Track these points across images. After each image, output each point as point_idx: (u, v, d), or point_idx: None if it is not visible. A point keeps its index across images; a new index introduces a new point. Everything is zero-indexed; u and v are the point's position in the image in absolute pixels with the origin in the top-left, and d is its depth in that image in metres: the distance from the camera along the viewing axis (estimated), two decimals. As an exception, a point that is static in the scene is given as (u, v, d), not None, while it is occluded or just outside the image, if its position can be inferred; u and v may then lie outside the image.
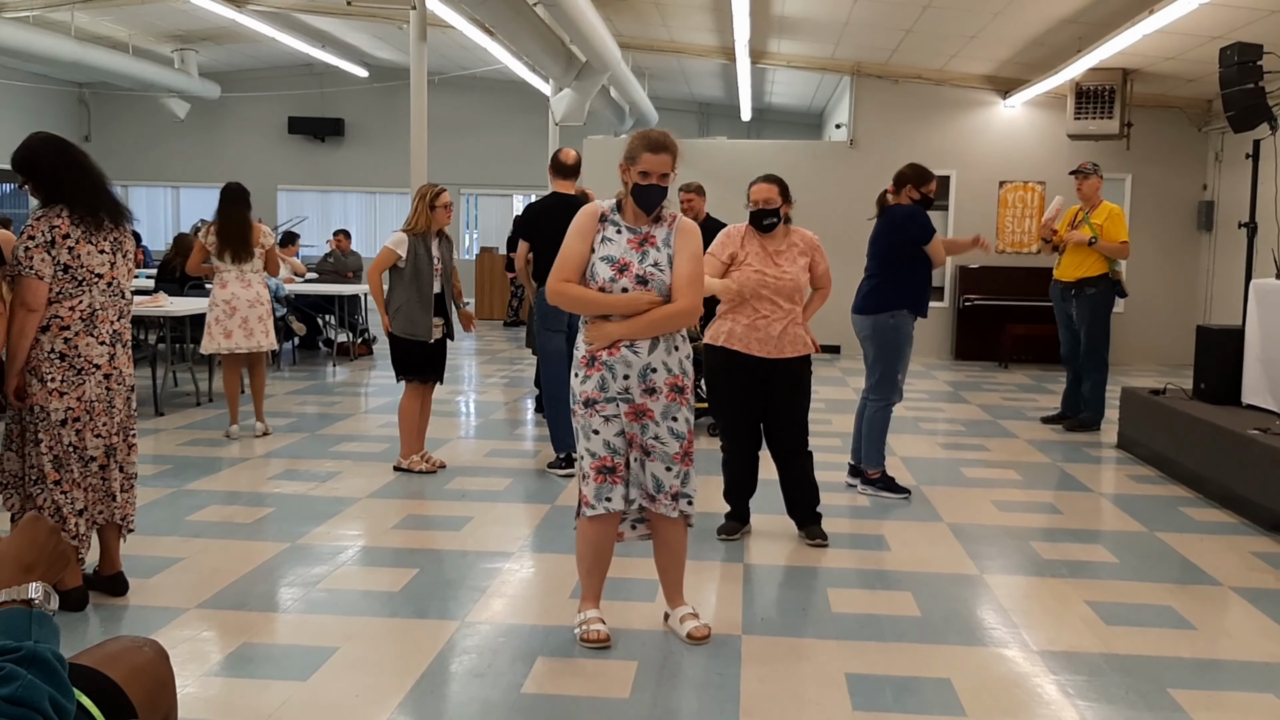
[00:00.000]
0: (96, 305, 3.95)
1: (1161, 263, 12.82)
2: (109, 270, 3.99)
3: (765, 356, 4.82)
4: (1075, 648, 3.79)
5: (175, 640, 3.69)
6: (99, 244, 3.94)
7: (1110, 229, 7.89)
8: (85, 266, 3.90)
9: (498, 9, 9.17)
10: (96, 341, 3.95)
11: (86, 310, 3.92)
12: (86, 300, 3.92)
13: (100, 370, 3.97)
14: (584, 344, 3.63)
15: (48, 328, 3.87)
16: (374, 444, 7.14)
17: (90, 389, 3.93)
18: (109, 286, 4.00)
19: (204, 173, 20.32)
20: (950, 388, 10.44)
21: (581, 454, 3.66)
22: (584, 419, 3.63)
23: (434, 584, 4.35)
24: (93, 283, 3.93)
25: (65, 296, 3.88)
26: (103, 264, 3.96)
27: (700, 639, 3.76)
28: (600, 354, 3.60)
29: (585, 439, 3.64)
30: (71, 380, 3.89)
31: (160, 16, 15.42)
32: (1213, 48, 7.93)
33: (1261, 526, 5.42)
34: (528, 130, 19.35)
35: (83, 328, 3.91)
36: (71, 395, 3.89)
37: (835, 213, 13.03)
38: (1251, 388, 6.45)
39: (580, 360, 3.64)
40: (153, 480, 5.95)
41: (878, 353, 5.85)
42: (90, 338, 3.93)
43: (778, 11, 11.14)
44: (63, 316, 3.88)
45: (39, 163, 3.92)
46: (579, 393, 3.63)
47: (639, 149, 3.63)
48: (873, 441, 5.97)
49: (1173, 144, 12.65)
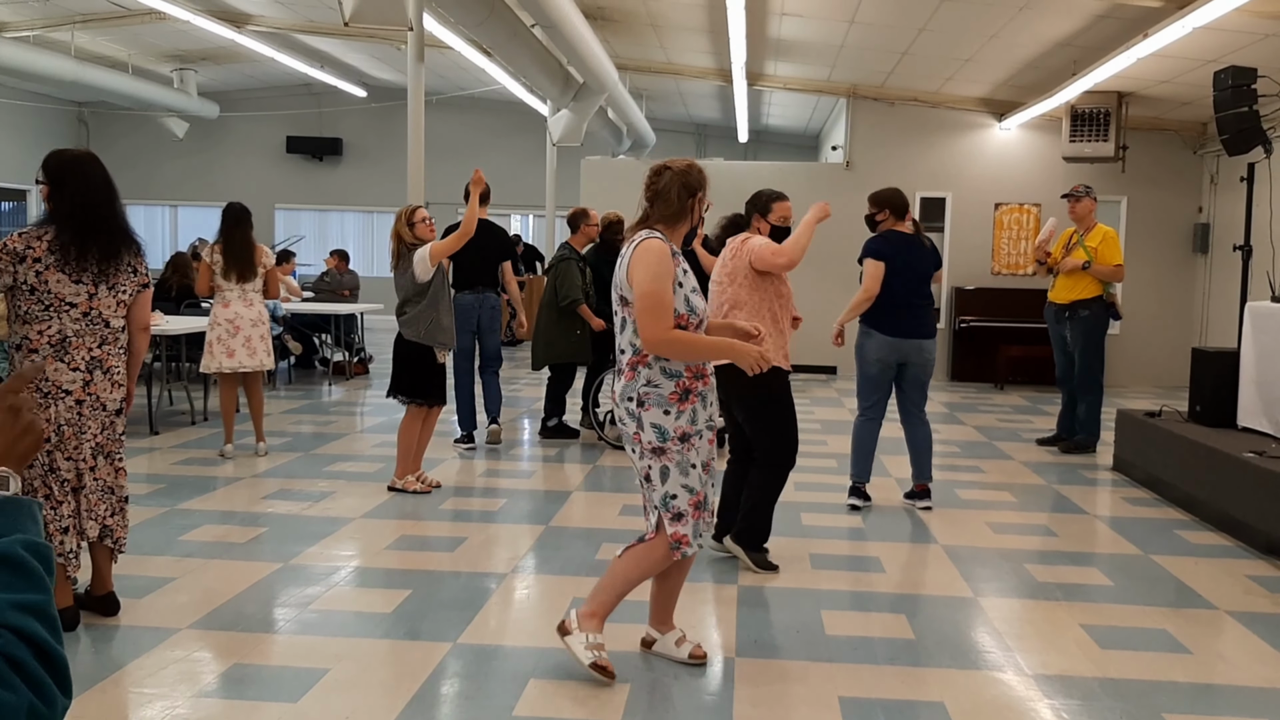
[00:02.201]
0: (69, 332, 3.92)
1: (1157, 285, 12.85)
2: (85, 301, 3.94)
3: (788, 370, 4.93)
4: (1070, 671, 3.78)
5: (167, 661, 3.67)
6: (74, 275, 3.90)
7: (1105, 252, 7.91)
8: (53, 293, 3.88)
9: (496, 30, 9.21)
10: (68, 368, 3.92)
11: (56, 336, 3.90)
12: (55, 326, 3.90)
13: (71, 395, 3.94)
14: (665, 379, 3.49)
15: (19, 347, 3.89)
16: (368, 464, 7.13)
17: (59, 413, 3.91)
18: (85, 316, 3.95)
19: (202, 192, 20.36)
20: (946, 409, 10.44)
21: (675, 492, 3.52)
22: (680, 455, 3.51)
23: (427, 605, 4.34)
24: (62, 310, 3.90)
25: (34, 319, 3.87)
26: (77, 294, 3.92)
27: (702, 659, 3.76)
28: (696, 385, 3.53)
29: (683, 475, 3.52)
30: (38, 402, 3.88)
31: (160, 36, 15.49)
32: (1207, 71, 7.97)
33: (1257, 550, 5.41)
34: (525, 151, 19.41)
35: (51, 352, 3.90)
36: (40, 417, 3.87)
37: (831, 234, 13.05)
38: (1247, 410, 6.45)
39: (670, 397, 3.49)
40: (146, 500, 5.94)
41: (931, 371, 6.17)
42: (60, 363, 3.91)
43: (774, 34, 11.20)
44: (32, 339, 3.88)
45: (67, 182, 3.91)
46: (673, 430, 3.49)
47: (704, 180, 3.67)
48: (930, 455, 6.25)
49: (1168, 167, 12.70)
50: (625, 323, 3.56)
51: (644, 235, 3.55)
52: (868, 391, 6.11)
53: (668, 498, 3.53)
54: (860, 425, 6.15)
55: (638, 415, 3.51)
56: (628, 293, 3.50)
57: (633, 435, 3.54)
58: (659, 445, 3.50)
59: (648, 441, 3.50)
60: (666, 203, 3.60)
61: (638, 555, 3.62)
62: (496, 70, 13.60)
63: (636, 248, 3.51)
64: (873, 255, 6.02)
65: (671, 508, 3.53)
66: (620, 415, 3.59)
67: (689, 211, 3.64)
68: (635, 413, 3.51)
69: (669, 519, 3.54)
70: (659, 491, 3.54)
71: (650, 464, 3.53)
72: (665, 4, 10.88)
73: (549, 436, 8.21)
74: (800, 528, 5.69)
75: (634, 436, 3.54)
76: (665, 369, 3.50)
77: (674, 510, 3.53)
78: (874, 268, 5.99)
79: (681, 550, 3.56)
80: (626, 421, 3.56)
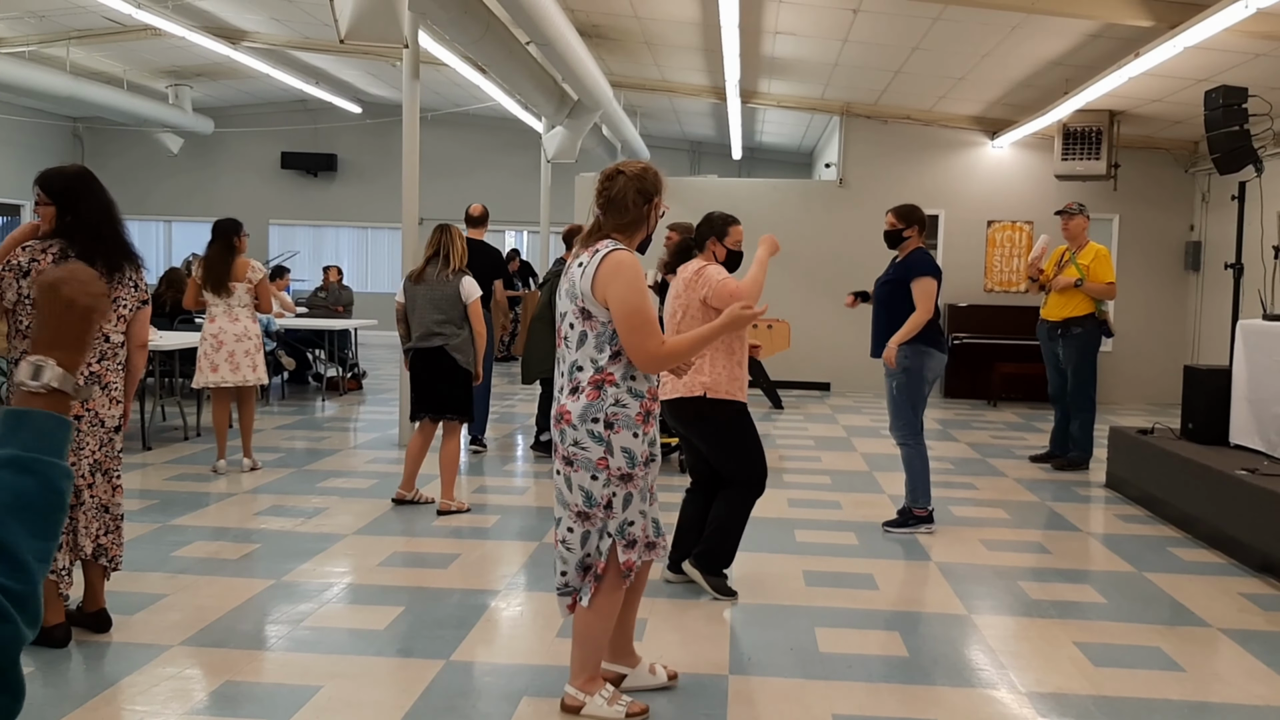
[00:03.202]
0: None
1: (1149, 303, 12.89)
2: None
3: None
4: (1064, 689, 3.78)
5: (158, 678, 3.66)
6: None
7: (1097, 270, 7.95)
8: None
9: (491, 48, 9.24)
10: None
11: None
12: None
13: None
14: (632, 400, 3.29)
15: (18, 361, 3.87)
16: (362, 480, 7.11)
17: None
18: None
19: (196, 207, 20.34)
20: (939, 425, 10.45)
21: (634, 519, 3.33)
22: (644, 480, 3.34)
23: (419, 622, 4.32)
24: None
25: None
26: None
27: (675, 677, 3.72)
28: (653, 407, 3.35)
29: (642, 500, 3.35)
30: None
31: (155, 53, 15.51)
32: (1198, 90, 8.03)
33: (1250, 567, 5.42)
34: (520, 167, 19.44)
35: None
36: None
37: (825, 251, 13.11)
38: (1239, 428, 6.47)
39: (636, 418, 3.29)
40: (139, 515, 5.92)
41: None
42: None
43: (768, 52, 11.25)
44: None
45: (77, 198, 3.91)
46: (640, 454, 3.30)
47: (661, 184, 3.46)
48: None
49: (1160, 185, 12.76)
50: (585, 336, 3.30)
51: (608, 247, 3.30)
52: (920, 411, 6.03)
53: (625, 525, 3.32)
54: (922, 450, 6.02)
55: (605, 439, 3.25)
56: (592, 306, 3.27)
57: (597, 461, 3.26)
58: (628, 471, 3.28)
59: (617, 467, 3.26)
60: (621, 210, 3.38)
61: (596, 607, 3.37)
62: (491, 87, 13.63)
63: (604, 261, 3.25)
64: (932, 274, 5.90)
65: (627, 535, 3.33)
66: (576, 438, 3.27)
67: (645, 219, 3.42)
68: (602, 435, 3.25)
69: (622, 546, 3.33)
70: (616, 520, 3.31)
71: (615, 491, 3.28)
72: (660, 23, 10.93)
73: (541, 452, 8.19)
74: (794, 545, 5.69)
75: (599, 462, 3.26)
76: (633, 389, 3.29)
77: (629, 538, 3.34)
78: (931, 286, 5.88)
79: (629, 576, 3.37)
80: (588, 445, 3.25)
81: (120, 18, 12.93)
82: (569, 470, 3.31)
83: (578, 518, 3.32)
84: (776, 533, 5.92)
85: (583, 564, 3.37)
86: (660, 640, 4.18)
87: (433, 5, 7.80)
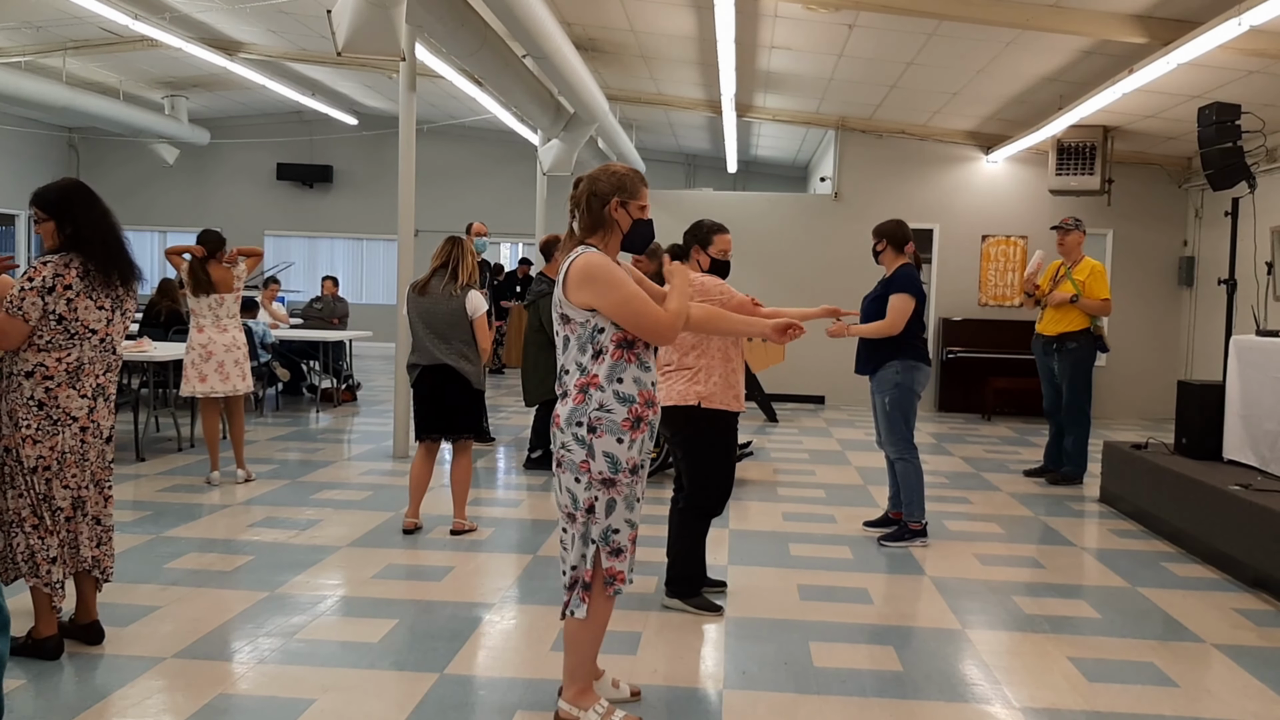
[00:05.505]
0: (85, 360, 3.93)
1: (1143, 318, 12.93)
2: (104, 327, 3.98)
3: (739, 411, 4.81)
4: (1057, 705, 3.78)
5: (150, 690, 3.64)
6: (99, 300, 3.94)
7: (1092, 286, 7.97)
8: (80, 321, 3.89)
9: (487, 61, 9.26)
10: (78, 394, 3.93)
11: (74, 364, 3.90)
12: (75, 354, 3.90)
13: (77, 423, 3.94)
14: (618, 404, 3.29)
15: (32, 374, 3.85)
16: (356, 492, 7.10)
17: (65, 440, 3.91)
18: (101, 342, 3.99)
19: (192, 218, 20.33)
20: (933, 439, 10.46)
21: (618, 526, 3.34)
22: (629, 488, 3.34)
23: (413, 635, 4.31)
24: (85, 338, 3.92)
25: (54, 348, 3.86)
26: (99, 320, 3.96)
27: (638, 693, 3.72)
28: (647, 414, 3.34)
29: (628, 509, 3.35)
30: (46, 429, 3.87)
31: (151, 63, 15.53)
32: (1191, 106, 8.07)
33: (1243, 582, 5.43)
34: (516, 179, 19.48)
35: (66, 380, 3.89)
36: (45, 444, 3.87)
37: (819, 264, 13.14)
38: (1232, 443, 6.48)
39: (623, 424, 3.29)
40: (131, 527, 5.90)
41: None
42: (72, 390, 3.91)
43: (764, 67, 11.29)
44: (48, 366, 3.86)
45: (74, 209, 3.92)
46: (625, 460, 3.30)
47: (637, 184, 3.45)
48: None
49: (1153, 200, 12.81)
50: (568, 340, 3.37)
51: (579, 251, 3.35)
52: (912, 425, 6.04)
53: (609, 532, 3.33)
54: (917, 463, 6.04)
55: (588, 442, 3.27)
56: (569, 310, 3.33)
57: (579, 464, 3.29)
58: (610, 476, 3.29)
59: (598, 471, 3.28)
60: (584, 214, 3.42)
61: (586, 619, 3.37)
62: (487, 100, 13.66)
63: (571, 266, 3.31)
64: (910, 292, 5.91)
65: (612, 542, 3.34)
66: (564, 441, 3.32)
67: (610, 219, 3.40)
68: (585, 439, 3.27)
69: (606, 554, 3.34)
70: (599, 525, 3.32)
71: (596, 495, 3.30)
72: (656, 37, 10.97)
73: (533, 468, 8.15)
74: (789, 558, 5.68)
75: (581, 465, 3.29)
76: (619, 393, 3.29)
77: (614, 545, 3.35)
78: (908, 304, 5.89)
79: (616, 587, 3.38)
80: (572, 448, 3.29)
81: (117, 29, 12.94)
82: (559, 472, 3.38)
83: (567, 519, 3.39)
84: (771, 546, 5.92)
85: (573, 577, 3.38)
86: (655, 654, 4.17)
87: (430, 18, 7.83)
